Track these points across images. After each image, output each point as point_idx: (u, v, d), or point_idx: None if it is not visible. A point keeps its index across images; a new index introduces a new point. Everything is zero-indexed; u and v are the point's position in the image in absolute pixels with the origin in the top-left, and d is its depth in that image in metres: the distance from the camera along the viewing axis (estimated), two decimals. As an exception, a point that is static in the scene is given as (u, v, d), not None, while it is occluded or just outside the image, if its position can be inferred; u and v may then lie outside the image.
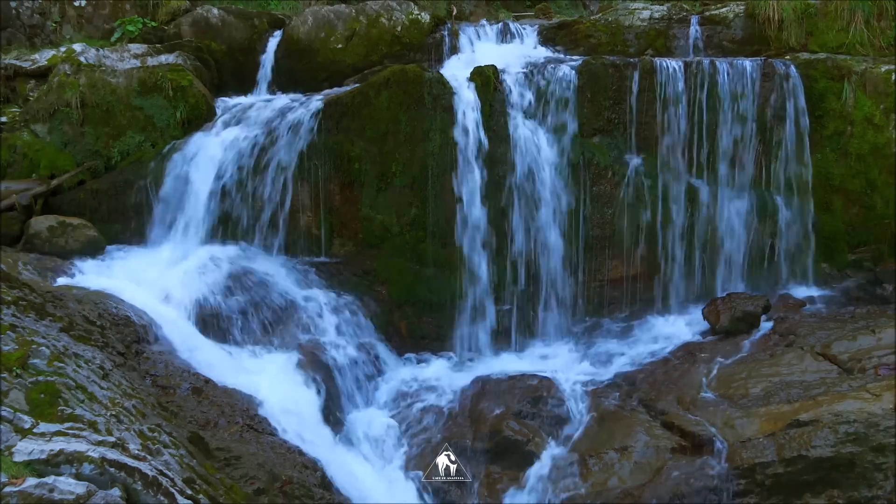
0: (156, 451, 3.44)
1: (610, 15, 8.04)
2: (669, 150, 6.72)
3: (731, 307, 6.17)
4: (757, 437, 4.91)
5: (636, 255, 6.68)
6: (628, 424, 5.31)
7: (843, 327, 5.79)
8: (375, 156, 6.52)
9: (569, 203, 6.59)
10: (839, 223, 6.81)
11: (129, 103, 6.81)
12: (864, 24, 7.21)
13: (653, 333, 6.45)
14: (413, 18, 7.94)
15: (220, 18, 8.00)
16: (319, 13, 7.96)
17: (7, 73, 7.49)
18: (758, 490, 4.80)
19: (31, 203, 6.45)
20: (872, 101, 6.71)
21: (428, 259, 6.52)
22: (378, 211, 6.55)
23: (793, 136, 6.75)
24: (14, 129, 6.91)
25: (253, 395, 4.90)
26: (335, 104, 6.60)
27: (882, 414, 4.80)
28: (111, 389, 3.81)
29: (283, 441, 4.61)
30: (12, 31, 8.24)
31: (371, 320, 6.27)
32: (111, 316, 4.82)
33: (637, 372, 5.94)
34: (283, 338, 5.72)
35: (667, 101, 6.69)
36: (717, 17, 7.74)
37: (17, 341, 3.63)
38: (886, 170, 6.68)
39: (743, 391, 5.34)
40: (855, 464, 4.73)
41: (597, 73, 6.72)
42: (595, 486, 4.97)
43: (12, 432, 3.01)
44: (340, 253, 6.61)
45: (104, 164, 6.77)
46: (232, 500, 3.75)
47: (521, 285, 6.55)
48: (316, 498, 4.31)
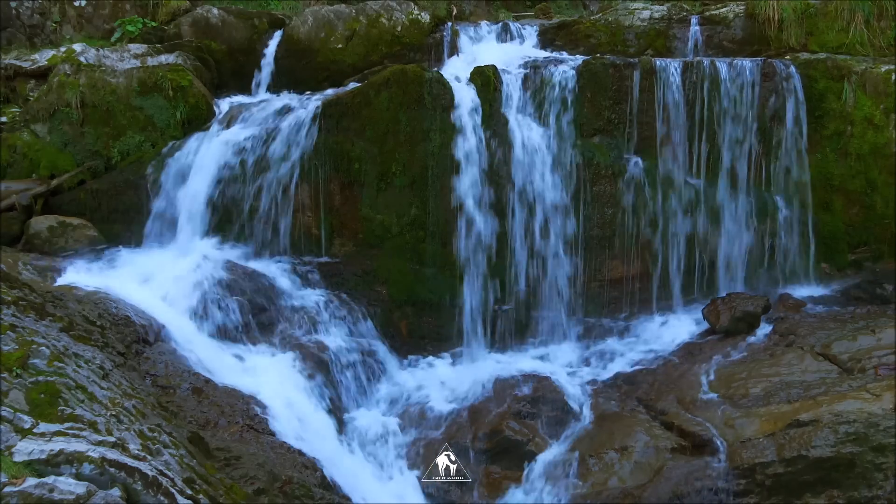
0: (156, 451, 3.44)
1: (610, 15, 8.04)
2: (669, 150, 6.72)
3: (731, 307, 6.17)
4: (757, 437, 4.91)
5: (636, 255, 6.68)
6: (628, 424, 5.31)
7: (843, 327, 5.79)
8: (375, 156, 6.53)
9: (569, 203, 6.59)
10: (839, 223, 6.81)
11: (129, 103, 6.82)
12: (864, 24, 7.21)
13: (653, 333, 6.45)
14: (413, 18, 7.94)
15: (220, 18, 8.00)
16: (319, 13, 7.97)
17: (7, 73, 7.50)
18: (758, 490, 4.80)
19: (31, 203, 6.46)
20: (872, 101, 6.71)
21: (428, 259, 6.52)
22: (378, 211, 6.55)
23: (793, 136, 6.75)
24: (14, 129, 6.92)
25: (253, 395, 4.90)
26: (335, 104, 6.60)
27: (882, 414, 4.80)
28: (111, 389, 3.81)
29: (283, 441, 4.61)
30: (12, 31, 8.24)
31: (371, 320, 6.27)
32: (111, 316, 4.81)
33: (637, 372, 5.95)
34: (283, 338, 5.72)
35: (667, 101, 6.69)
36: (717, 17, 7.74)
37: (17, 341, 3.62)
38: (886, 170, 6.68)
39: (743, 391, 5.34)
40: (855, 464, 4.73)
41: (597, 73, 6.72)
42: (595, 486, 4.98)
43: (12, 432, 3.01)
44: (340, 253, 6.61)
45: (104, 164, 6.78)
46: (232, 500, 3.75)
47: (521, 285, 6.55)
48: (316, 498, 4.31)
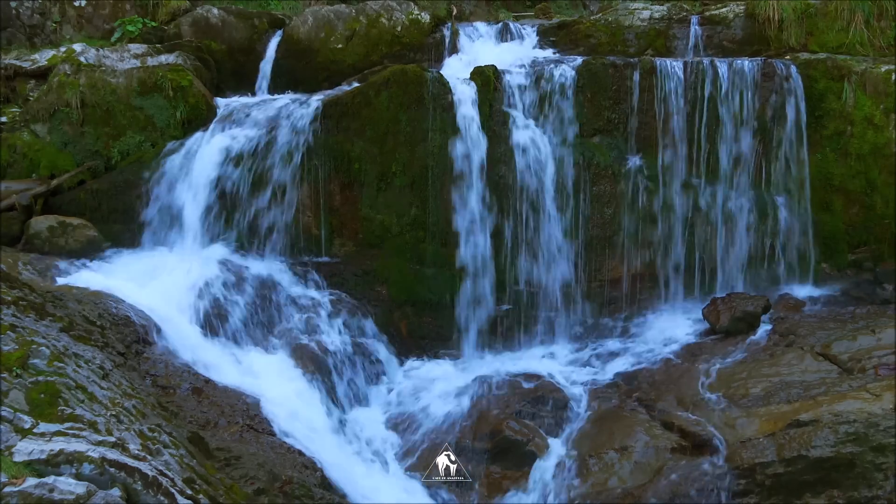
0: (156, 451, 3.44)
1: (610, 15, 8.04)
2: (669, 150, 6.72)
3: (731, 307, 6.17)
4: (757, 437, 4.91)
5: (636, 255, 6.68)
6: (628, 424, 5.31)
7: (843, 327, 5.79)
8: (375, 156, 6.53)
9: (569, 203, 6.59)
10: (839, 223, 6.81)
11: (129, 103, 6.81)
12: (864, 24, 7.21)
13: (653, 333, 6.45)
14: (413, 18, 7.94)
15: (220, 18, 8.00)
16: (319, 13, 7.97)
17: (7, 73, 7.49)
18: (758, 490, 4.80)
19: (31, 203, 6.46)
20: (872, 101, 6.70)
21: (428, 259, 6.52)
22: (378, 211, 6.55)
23: (793, 136, 6.75)
24: (14, 129, 6.91)
25: (253, 395, 4.90)
26: (335, 104, 6.60)
27: (882, 414, 4.80)
28: (111, 389, 3.81)
29: (283, 441, 4.61)
30: (12, 31, 8.24)
31: (371, 320, 6.28)
32: (111, 316, 4.81)
33: (637, 372, 5.94)
34: (283, 338, 5.72)
35: (667, 101, 6.69)
36: (717, 17, 7.74)
37: (18, 341, 3.62)
38: (886, 170, 6.68)
39: (743, 391, 5.34)
40: (855, 464, 4.73)
41: (597, 73, 6.72)
42: (595, 486, 4.98)
43: (12, 432, 3.01)
44: (340, 253, 6.61)
45: (104, 164, 6.77)
46: (232, 500, 3.75)
47: (521, 285, 6.55)
48: (316, 498, 4.31)
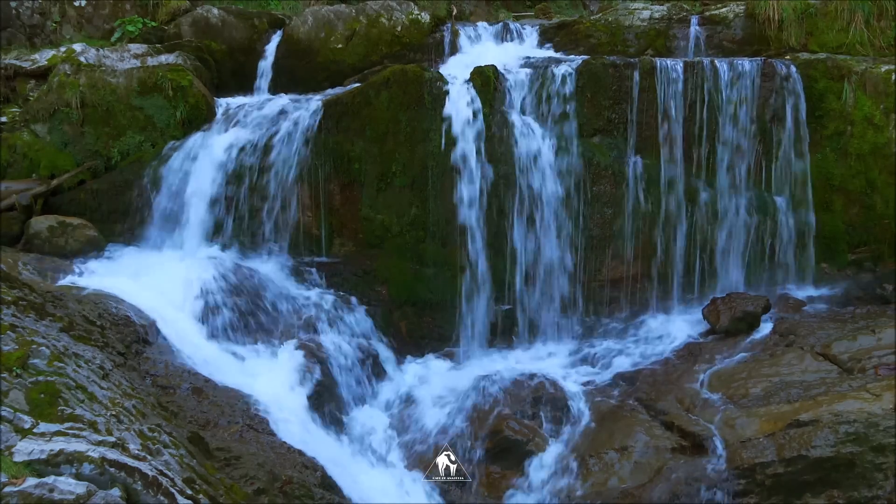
0: (156, 451, 3.43)
1: (610, 15, 8.04)
2: (669, 149, 6.71)
3: (731, 307, 6.17)
4: (757, 437, 4.91)
5: (636, 255, 6.68)
6: (628, 424, 5.31)
7: (843, 327, 5.78)
8: (375, 156, 6.53)
9: (569, 203, 6.59)
10: (839, 223, 6.81)
11: (129, 103, 6.82)
12: (864, 24, 7.21)
13: (653, 333, 6.44)
14: (413, 18, 7.94)
15: (220, 18, 8.00)
16: (319, 13, 7.97)
17: (7, 73, 7.50)
18: (758, 490, 4.79)
19: (31, 203, 6.46)
20: (872, 101, 6.70)
21: (428, 259, 6.52)
22: (378, 211, 6.55)
23: (792, 135, 6.74)
24: (14, 129, 6.91)
25: (253, 394, 4.90)
26: (335, 104, 6.61)
27: (882, 414, 4.80)
28: (111, 389, 3.81)
29: (283, 441, 4.60)
30: (12, 31, 8.24)
31: (371, 320, 6.28)
32: (111, 316, 4.81)
33: (637, 372, 5.94)
34: (284, 338, 5.72)
35: (667, 100, 6.69)
36: (717, 17, 7.74)
37: (17, 341, 3.62)
38: (886, 170, 6.68)
39: (743, 391, 5.33)
40: (855, 464, 4.73)
41: (597, 73, 6.72)
42: (595, 486, 4.97)
43: (12, 432, 3.00)
44: (340, 253, 6.61)
45: (104, 164, 6.78)
46: (232, 500, 3.75)
47: (521, 285, 6.55)
48: (316, 498, 4.31)
